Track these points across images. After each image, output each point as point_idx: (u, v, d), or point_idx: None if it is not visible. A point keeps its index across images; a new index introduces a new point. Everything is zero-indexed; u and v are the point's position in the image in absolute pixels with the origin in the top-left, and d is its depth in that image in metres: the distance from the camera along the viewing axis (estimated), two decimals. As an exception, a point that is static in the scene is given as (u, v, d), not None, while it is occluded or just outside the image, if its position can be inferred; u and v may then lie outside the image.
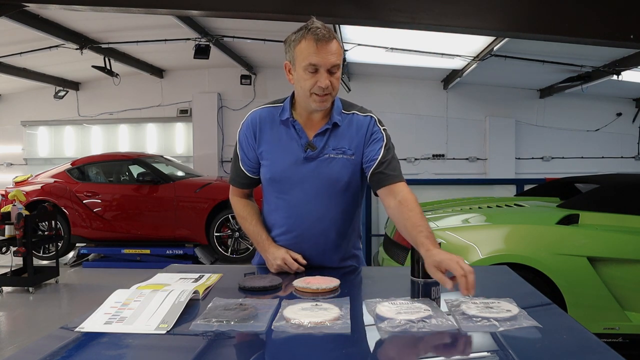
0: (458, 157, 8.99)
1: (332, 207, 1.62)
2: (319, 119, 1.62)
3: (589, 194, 3.65)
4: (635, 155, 8.97)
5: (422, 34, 5.03)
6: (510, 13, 3.52)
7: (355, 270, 1.72)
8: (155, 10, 3.76)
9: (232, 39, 6.73)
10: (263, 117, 1.66)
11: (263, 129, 1.65)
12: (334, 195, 1.61)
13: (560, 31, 3.50)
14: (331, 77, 1.52)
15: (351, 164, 1.60)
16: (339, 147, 1.60)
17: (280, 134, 1.63)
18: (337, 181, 1.60)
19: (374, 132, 1.62)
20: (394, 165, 1.60)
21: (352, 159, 1.60)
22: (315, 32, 1.48)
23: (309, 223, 1.63)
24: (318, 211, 1.62)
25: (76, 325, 1.13)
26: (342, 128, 1.62)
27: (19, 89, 9.50)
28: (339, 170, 1.59)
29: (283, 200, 1.65)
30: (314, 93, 1.53)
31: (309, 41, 1.48)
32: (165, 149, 9.26)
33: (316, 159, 1.60)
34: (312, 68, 1.50)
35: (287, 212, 1.65)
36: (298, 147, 1.60)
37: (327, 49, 1.48)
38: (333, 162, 1.59)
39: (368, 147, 1.60)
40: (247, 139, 1.67)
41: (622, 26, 3.44)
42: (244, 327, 1.10)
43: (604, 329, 3.04)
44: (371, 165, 1.58)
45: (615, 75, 6.49)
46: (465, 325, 1.08)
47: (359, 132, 1.62)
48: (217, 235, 6.37)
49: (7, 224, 5.12)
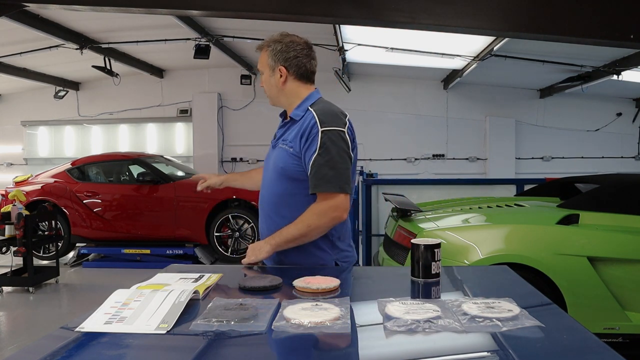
0: (458, 157, 8.99)
1: (277, 192, 1.80)
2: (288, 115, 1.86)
3: (589, 194, 3.65)
4: (635, 155, 8.97)
5: (422, 34, 5.03)
6: (510, 13, 3.52)
7: (355, 270, 1.72)
8: (155, 10, 3.76)
9: (232, 39, 6.73)
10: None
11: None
12: (278, 181, 1.79)
13: (560, 31, 3.49)
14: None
15: (288, 155, 1.75)
16: (286, 139, 1.79)
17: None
18: (276, 168, 1.79)
19: (312, 133, 1.69)
20: (321, 173, 1.66)
21: (290, 151, 1.75)
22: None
23: (264, 204, 1.86)
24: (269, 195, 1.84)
25: (76, 325, 1.12)
26: (298, 123, 1.77)
27: (19, 89, 9.50)
28: (280, 158, 1.78)
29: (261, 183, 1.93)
30: None
31: None
32: (165, 149, 9.27)
33: (274, 148, 1.86)
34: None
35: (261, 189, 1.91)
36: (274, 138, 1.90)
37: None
38: (280, 151, 1.79)
39: (305, 149, 1.71)
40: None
41: (622, 26, 3.44)
42: (244, 327, 1.10)
43: (604, 329, 3.04)
44: (307, 169, 1.71)
45: (615, 75, 6.50)
46: (468, 326, 1.08)
47: (303, 127, 1.74)
48: (217, 235, 6.37)
49: (7, 224, 5.12)
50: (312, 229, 1.69)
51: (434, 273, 1.46)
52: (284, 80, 1.78)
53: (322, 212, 1.68)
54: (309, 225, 1.69)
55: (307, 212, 1.69)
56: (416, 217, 3.65)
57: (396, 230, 3.61)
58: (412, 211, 3.72)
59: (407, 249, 3.19)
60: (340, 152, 1.67)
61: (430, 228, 3.36)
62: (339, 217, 1.69)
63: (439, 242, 1.48)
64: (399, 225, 3.60)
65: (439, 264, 1.47)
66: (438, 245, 1.47)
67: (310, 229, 1.69)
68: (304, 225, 1.69)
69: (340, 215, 1.69)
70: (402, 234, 3.49)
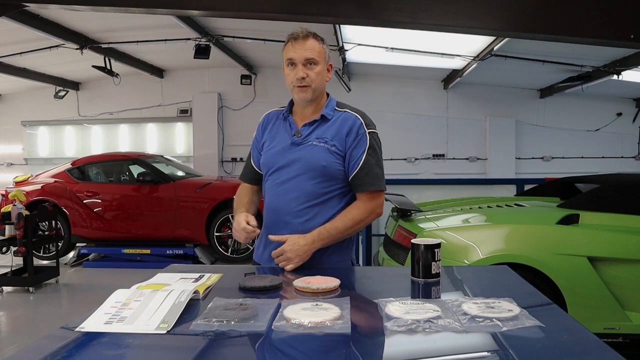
0: (458, 157, 8.99)
1: (308, 190, 1.73)
2: (311, 113, 1.80)
3: (589, 194, 3.65)
4: (635, 155, 8.97)
5: (422, 34, 5.03)
6: (510, 13, 3.52)
7: (355, 270, 1.72)
8: (155, 10, 3.75)
9: (232, 39, 6.73)
10: (271, 116, 1.90)
11: (267, 126, 1.88)
12: (312, 179, 1.73)
13: (560, 31, 3.49)
14: (308, 70, 1.71)
15: (330, 152, 1.73)
16: (322, 137, 1.75)
17: (278, 127, 1.85)
18: (314, 165, 1.73)
19: (359, 134, 1.75)
20: (373, 172, 1.74)
21: (332, 149, 1.73)
22: (293, 34, 1.73)
23: (285, 202, 1.75)
24: (295, 191, 1.74)
25: (76, 325, 1.12)
26: (331, 122, 1.77)
27: (19, 89, 9.50)
28: (318, 155, 1.73)
29: (270, 183, 1.81)
30: (295, 85, 1.73)
31: (288, 42, 1.75)
32: (166, 149, 9.27)
33: (300, 144, 1.76)
34: (290, 62, 1.73)
35: (270, 192, 1.80)
36: (287, 136, 1.79)
37: (302, 45, 1.71)
38: (315, 149, 1.74)
39: (352, 148, 1.74)
40: (257, 136, 1.91)
41: (622, 26, 3.43)
42: (244, 327, 1.10)
43: (604, 329, 3.04)
44: (354, 168, 1.73)
45: (616, 75, 6.50)
46: (468, 326, 1.08)
47: (344, 127, 1.75)
48: (217, 235, 6.37)
49: (7, 224, 5.12)
50: (357, 225, 1.74)
51: (434, 273, 1.46)
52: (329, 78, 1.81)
53: (371, 209, 1.75)
54: (356, 221, 1.72)
55: (354, 209, 1.73)
56: (416, 217, 3.65)
57: (396, 230, 3.61)
58: (412, 211, 3.72)
59: (407, 249, 3.19)
60: (381, 154, 1.80)
61: (431, 228, 3.36)
62: (381, 213, 1.80)
63: (439, 242, 1.48)
64: (399, 225, 3.60)
65: (439, 264, 1.47)
66: (438, 245, 1.47)
67: (355, 223, 1.72)
68: (352, 220, 1.71)
69: (381, 211, 1.80)
70: (402, 234, 3.49)
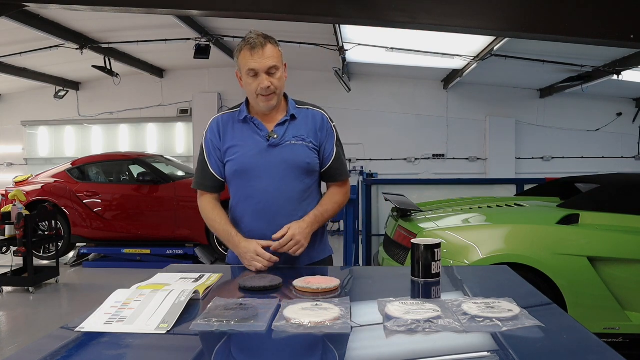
0: (458, 157, 8.99)
1: (297, 188, 1.77)
2: (275, 114, 1.80)
3: (589, 194, 3.65)
4: (635, 155, 8.97)
5: (422, 34, 5.03)
6: (510, 13, 3.52)
7: (355, 270, 1.72)
8: (155, 10, 3.76)
9: (232, 39, 6.73)
10: (224, 120, 1.83)
11: (225, 130, 1.81)
12: (299, 177, 1.77)
13: (560, 31, 3.49)
14: (271, 78, 1.70)
15: (310, 150, 1.78)
16: (299, 135, 1.77)
17: (241, 131, 1.79)
18: (300, 163, 1.76)
19: (327, 128, 1.84)
20: (343, 162, 1.89)
21: (310, 146, 1.78)
22: (249, 41, 1.68)
23: (279, 205, 1.75)
24: (287, 192, 1.75)
25: (76, 325, 1.12)
26: (299, 120, 1.80)
27: (19, 89, 9.51)
28: (301, 154, 1.76)
29: (252, 188, 1.76)
30: (259, 94, 1.71)
31: (245, 50, 1.69)
32: (165, 149, 9.27)
33: (278, 146, 1.75)
34: (252, 72, 1.70)
35: (257, 199, 1.76)
36: (260, 139, 1.76)
37: (262, 53, 1.68)
38: (295, 147, 1.76)
39: (325, 142, 1.82)
40: (212, 142, 1.81)
41: (622, 26, 3.44)
42: (244, 327, 1.10)
43: (604, 329, 3.04)
44: (328, 160, 1.83)
45: (615, 75, 6.50)
46: (468, 326, 1.08)
47: (314, 123, 1.81)
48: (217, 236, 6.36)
49: (7, 224, 5.12)
50: (339, 207, 1.87)
51: (434, 273, 1.46)
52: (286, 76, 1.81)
53: (346, 193, 1.90)
54: (340, 204, 1.86)
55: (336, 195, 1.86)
56: (416, 217, 3.65)
57: (396, 230, 3.61)
58: (412, 211, 3.72)
59: (407, 249, 3.19)
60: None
61: (431, 228, 3.36)
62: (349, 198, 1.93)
63: (439, 242, 1.48)
64: (399, 225, 3.60)
65: (439, 264, 1.47)
66: (438, 245, 1.47)
67: (339, 206, 1.86)
68: (337, 204, 1.85)
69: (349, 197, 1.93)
70: (402, 234, 3.49)
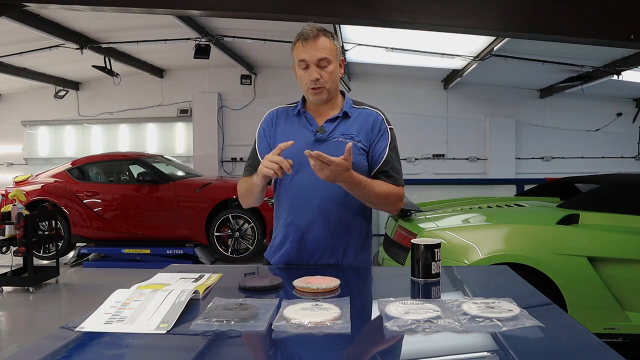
0: (458, 157, 8.98)
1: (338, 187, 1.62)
2: (329, 110, 1.77)
3: (589, 194, 3.65)
4: (635, 155, 8.96)
5: (422, 34, 5.02)
6: (510, 13, 3.52)
7: (355, 270, 1.72)
8: (155, 10, 3.76)
9: (232, 39, 6.72)
10: (279, 113, 1.84)
11: (278, 123, 1.81)
12: None
13: (560, 31, 3.49)
14: (321, 71, 1.68)
15: (357, 149, 1.70)
16: (348, 133, 1.73)
17: (293, 124, 1.79)
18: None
19: (382, 129, 1.77)
20: (396, 167, 1.75)
21: (358, 145, 1.71)
22: (302, 33, 1.68)
23: (317, 201, 1.70)
24: (326, 189, 1.68)
25: (76, 325, 1.13)
26: (352, 119, 1.76)
27: (19, 89, 9.50)
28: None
29: (293, 182, 1.73)
30: (309, 87, 1.70)
31: (298, 42, 1.69)
32: (165, 149, 9.26)
33: (325, 141, 1.72)
34: (303, 64, 1.69)
35: (296, 193, 1.73)
36: (309, 133, 1.74)
37: (314, 45, 1.66)
38: (342, 145, 1.62)
39: (376, 142, 1.75)
40: (265, 132, 1.83)
41: (622, 26, 3.44)
42: (244, 327, 1.10)
43: (604, 329, 3.04)
44: (377, 162, 1.73)
45: (616, 75, 6.49)
46: (468, 326, 1.08)
47: (367, 122, 1.76)
48: (217, 235, 6.37)
49: (7, 224, 5.12)
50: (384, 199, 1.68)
51: (434, 273, 1.46)
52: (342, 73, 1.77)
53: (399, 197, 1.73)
54: (385, 195, 1.68)
55: (390, 187, 1.69)
56: (416, 217, 3.65)
57: (396, 230, 3.61)
58: (412, 211, 3.72)
59: (407, 249, 3.19)
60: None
61: (431, 228, 3.36)
62: (400, 208, 1.76)
63: (439, 242, 1.48)
64: (399, 225, 3.60)
65: (439, 264, 1.47)
66: (438, 245, 1.47)
67: (384, 197, 1.68)
68: (385, 192, 1.67)
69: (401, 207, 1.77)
70: (402, 234, 3.49)
